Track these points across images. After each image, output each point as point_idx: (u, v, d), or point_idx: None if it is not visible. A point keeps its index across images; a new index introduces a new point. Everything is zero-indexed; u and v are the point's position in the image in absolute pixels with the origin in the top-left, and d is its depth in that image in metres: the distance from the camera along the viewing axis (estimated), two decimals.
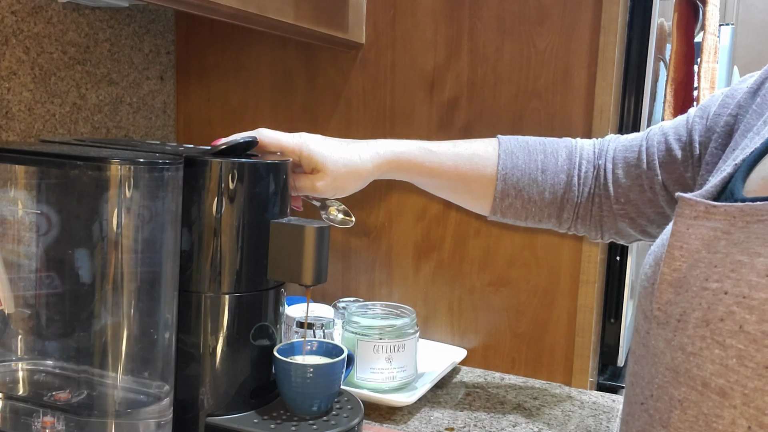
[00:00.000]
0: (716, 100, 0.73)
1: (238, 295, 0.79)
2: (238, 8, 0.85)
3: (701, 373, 0.46)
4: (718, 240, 0.49)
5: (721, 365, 0.44)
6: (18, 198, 0.74)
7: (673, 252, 0.52)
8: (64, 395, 0.72)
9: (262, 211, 0.80)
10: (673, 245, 0.52)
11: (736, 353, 0.43)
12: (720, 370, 0.44)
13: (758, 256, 0.45)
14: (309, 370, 0.80)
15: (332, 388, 0.82)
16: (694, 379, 0.46)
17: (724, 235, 0.48)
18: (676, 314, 0.50)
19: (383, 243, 1.20)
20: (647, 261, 0.59)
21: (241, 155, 0.81)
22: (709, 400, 0.45)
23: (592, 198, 0.84)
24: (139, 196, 0.69)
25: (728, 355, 0.44)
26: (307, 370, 0.80)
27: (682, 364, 0.48)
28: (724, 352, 0.44)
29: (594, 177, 0.84)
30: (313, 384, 0.80)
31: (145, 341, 0.73)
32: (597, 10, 1.03)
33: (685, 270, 0.50)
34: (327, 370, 0.81)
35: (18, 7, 0.99)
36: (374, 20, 1.16)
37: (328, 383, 0.81)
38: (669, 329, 0.50)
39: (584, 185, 0.85)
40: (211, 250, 0.78)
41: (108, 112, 1.17)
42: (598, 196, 0.84)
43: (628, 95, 1.10)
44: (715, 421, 0.44)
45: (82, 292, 0.72)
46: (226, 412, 0.80)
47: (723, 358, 0.44)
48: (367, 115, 1.19)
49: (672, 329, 0.49)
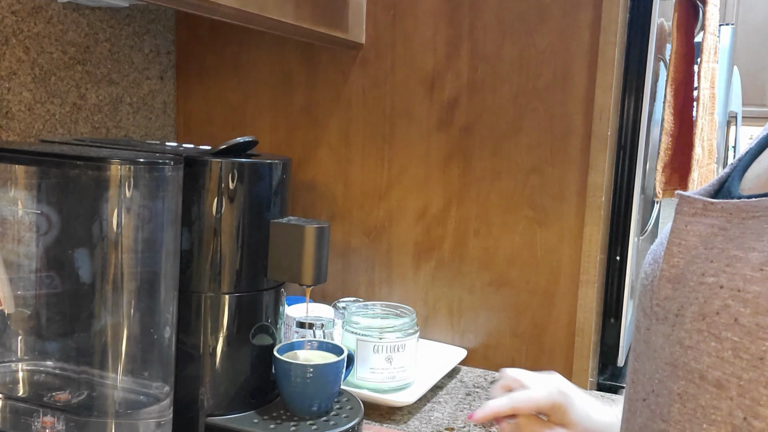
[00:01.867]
0: None
1: (238, 295, 0.79)
2: (238, 8, 0.85)
3: (698, 366, 0.47)
4: (715, 236, 0.50)
5: (717, 357, 0.46)
6: (18, 198, 0.74)
7: (672, 249, 0.53)
8: (64, 395, 0.72)
9: (262, 211, 0.80)
10: (672, 242, 0.53)
11: (732, 345, 0.45)
12: (716, 362, 0.46)
13: (752, 250, 0.46)
14: (309, 370, 0.79)
15: (332, 389, 0.82)
16: (692, 372, 0.47)
17: (721, 232, 0.50)
18: (674, 309, 0.51)
19: (383, 243, 1.20)
20: (647, 259, 0.59)
21: (241, 155, 0.81)
22: (706, 393, 0.46)
23: None
24: (139, 196, 0.69)
25: (724, 348, 0.45)
26: (306, 370, 0.79)
27: (680, 358, 0.49)
28: (720, 344, 0.46)
29: None
30: (312, 384, 0.80)
31: (145, 341, 0.72)
32: (597, 10, 1.03)
33: (683, 266, 0.52)
34: (327, 370, 0.81)
35: (18, 7, 0.99)
36: (374, 20, 1.16)
37: (328, 383, 0.81)
38: (668, 324, 0.51)
39: None
40: (211, 250, 0.78)
41: (108, 112, 1.17)
42: None
43: (628, 95, 1.10)
44: (713, 413, 0.46)
45: (82, 292, 0.72)
46: (226, 412, 0.80)
47: (719, 351, 0.46)
48: (367, 115, 1.19)
49: (670, 324, 0.51)
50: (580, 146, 1.06)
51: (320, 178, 1.23)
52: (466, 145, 1.13)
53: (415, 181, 1.17)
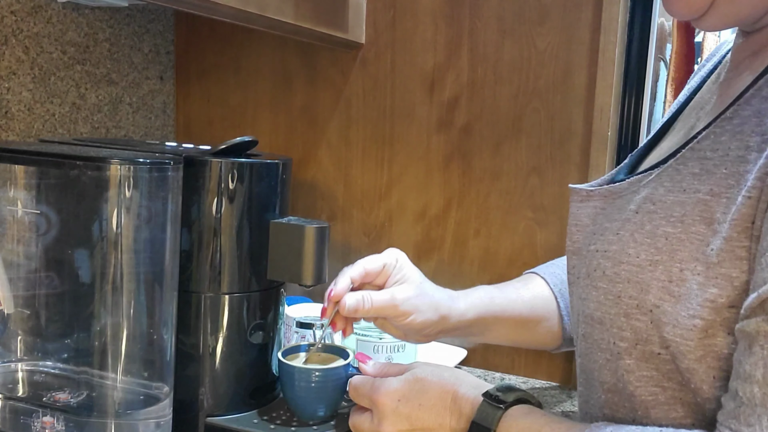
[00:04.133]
0: None
1: (237, 295, 0.79)
2: (238, 8, 0.85)
3: (588, 310, 0.62)
4: (597, 215, 0.67)
5: (596, 302, 0.61)
6: (18, 198, 0.74)
7: (571, 228, 0.70)
8: (64, 396, 0.72)
9: (262, 211, 0.80)
10: (570, 223, 0.70)
11: (604, 291, 0.60)
12: (597, 306, 0.61)
13: (615, 221, 0.62)
14: (314, 374, 0.77)
15: (338, 393, 0.79)
16: (587, 316, 0.63)
17: (602, 210, 0.66)
18: (576, 274, 0.67)
19: (383, 243, 1.20)
20: None
21: (241, 155, 0.81)
22: (594, 330, 0.61)
23: None
24: (139, 196, 0.69)
25: (599, 294, 0.61)
26: (311, 374, 0.78)
27: (580, 308, 0.65)
28: (597, 292, 0.61)
29: None
30: (317, 389, 0.77)
31: (145, 342, 0.72)
32: (597, 10, 1.03)
33: (580, 241, 0.68)
34: (333, 374, 0.78)
35: (17, 7, 0.99)
36: (374, 20, 1.16)
37: (334, 388, 0.79)
38: (576, 287, 0.67)
39: None
40: (210, 250, 0.78)
41: (107, 111, 1.17)
42: None
43: (628, 95, 1.10)
44: (600, 343, 0.61)
45: (81, 292, 0.72)
46: (225, 412, 0.80)
47: (597, 297, 0.61)
48: (367, 115, 1.19)
49: (577, 286, 0.66)
50: (581, 146, 1.06)
51: (320, 178, 1.23)
52: (466, 146, 1.13)
53: (415, 182, 1.17)
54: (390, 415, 0.68)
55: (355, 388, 0.73)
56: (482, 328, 0.84)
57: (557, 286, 0.88)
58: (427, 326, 0.78)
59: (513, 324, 0.85)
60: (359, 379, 0.73)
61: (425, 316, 0.77)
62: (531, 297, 0.86)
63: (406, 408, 0.68)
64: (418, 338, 0.82)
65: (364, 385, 0.72)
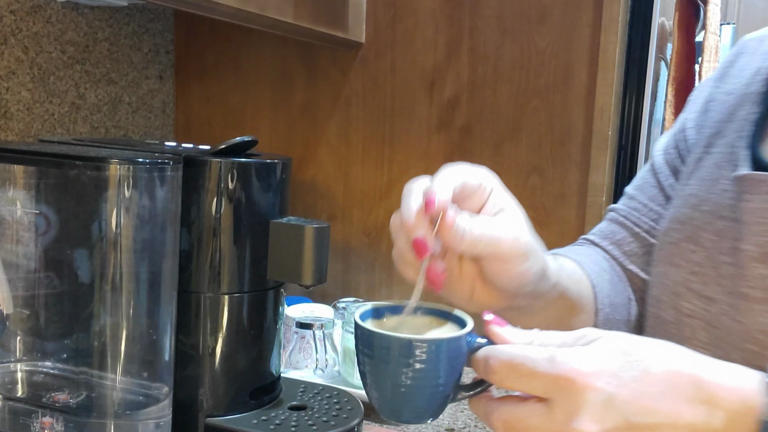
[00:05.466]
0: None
1: (237, 295, 0.79)
2: (238, 7, 0.85)
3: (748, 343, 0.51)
4: None
5: None
6: (17, 198, 0.74)
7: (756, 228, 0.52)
8: (63, 396, 0.72)
9: (262, 211, 0.80)
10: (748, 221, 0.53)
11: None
12: None
13: None
14: (422, 347, 0.47)
15: (455, 380, 0.50)
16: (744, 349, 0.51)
17: None
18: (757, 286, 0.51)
19: (383, 243, 1.20)
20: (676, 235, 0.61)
21: (241, 155, 0.81)
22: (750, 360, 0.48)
23: None
24: (138, 196, 0.69)
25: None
26: (416, 348, 0.46)
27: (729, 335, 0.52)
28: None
29: None
30: (426, 372, 0.47)
31: (144, 342, 0.72)
32: (597, 10, 1.03)
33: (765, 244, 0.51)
34: (453, 348, 0.48)
35: (17, 6, 0.99)
36: (374, 20, 1.16)
37: (450, 370, 0.49)
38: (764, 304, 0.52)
39: None
40: (210, 250, 0.78)
41: (107, 111, 1.17)
42: None
43: (628, 95, 1.10)
44: None
45: (81, 293, 0.71)
46: (225, 412, 0.80)
47: None
48: (367, 114, 1.19)
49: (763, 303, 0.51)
50: (581, 146, 1.06)
51: (320, 178, 1.23)
52: (466, 145, 1.13)
53: None
54: (598, 405, 0.42)
55: (514, 365, 0.44)
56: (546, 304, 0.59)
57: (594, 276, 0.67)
58: (528, 283, 0.53)
59: (567, 308, 0.62)
60: (518, 351, 0.45)
61: (537, 266, 0.53)
62: (578, 281, 0.65)
63: (624, 394, 0.42)
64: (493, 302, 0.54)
65: (532, 359, 0.43)
